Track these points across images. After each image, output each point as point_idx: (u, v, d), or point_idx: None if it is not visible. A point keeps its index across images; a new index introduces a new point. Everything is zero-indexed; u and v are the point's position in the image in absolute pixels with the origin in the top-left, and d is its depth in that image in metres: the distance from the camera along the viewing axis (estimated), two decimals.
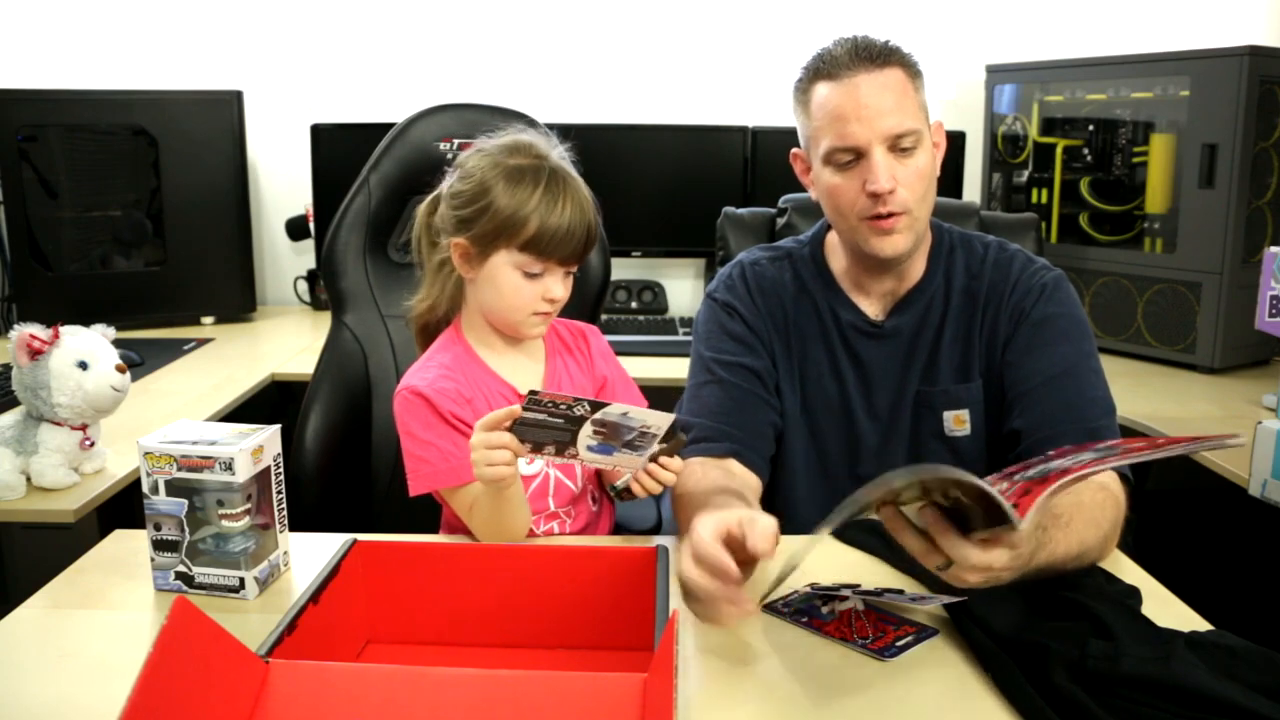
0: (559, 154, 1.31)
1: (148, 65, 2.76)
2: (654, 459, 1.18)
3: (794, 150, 1.40)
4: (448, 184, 1.32)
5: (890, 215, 1.28)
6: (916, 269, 1.39)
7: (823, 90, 1.29)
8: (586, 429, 1.11)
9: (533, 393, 1.09)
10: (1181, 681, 0.88)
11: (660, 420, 1.12)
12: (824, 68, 1.30)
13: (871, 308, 1.40)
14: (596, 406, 1.10)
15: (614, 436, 1.13)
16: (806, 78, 1.33)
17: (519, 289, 1.27)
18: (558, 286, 1.29)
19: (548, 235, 1.24)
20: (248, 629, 0.90)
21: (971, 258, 1.40)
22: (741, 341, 1.39)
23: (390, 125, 1.75)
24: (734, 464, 1.32)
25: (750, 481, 1.32)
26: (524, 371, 1.35)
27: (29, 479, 1.44)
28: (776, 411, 1.39)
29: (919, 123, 1.28)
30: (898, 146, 1.27)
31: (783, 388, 1.40)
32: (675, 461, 1.20)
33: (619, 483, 1.22)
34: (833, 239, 1.44)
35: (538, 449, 1.13)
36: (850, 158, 1.28)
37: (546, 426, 1.11)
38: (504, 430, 1.11)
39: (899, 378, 1.38)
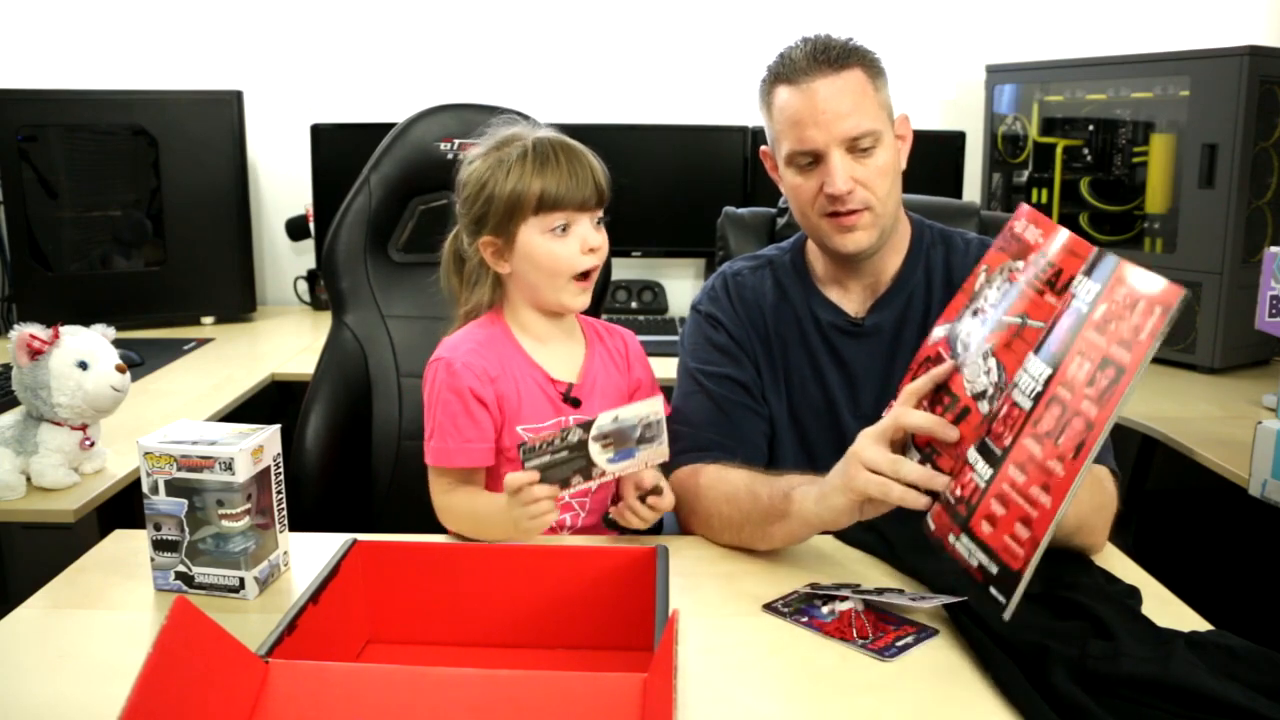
0: (544, 131, 1.35)
1: (148, 65, 2.76)
2: (641, 498, 1.23)
3: (762, 148, 1.42)
4: (458, 205, 1.36)
5: (851, 213, 1.30)
6: (894, 264, 1.40)
7: (783, 94, 1.32)
8: (594, 447, 1.15)
9: (521, 446, 1.14)
10: (1181, 681, 0.88)
11: (652, 407, 1.16)
12: (783, 72, 1.32)
13: (852, 305, 1.41)
14: (586, 426, 1.15)
15: (624, 440, 1.16)
16: (769, 80, 1.35)
17: (554, 252, 1.29)
18: (591, 234, 1.31)
19: (553, 189, 1.28)
20: (248, 629, 0.90)
21: (953, 253, 1.40)
22: (726, 353, 1.40)
23: (390, 125, 1.75)
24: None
25: None
26: (564, 358, 1.37)
27: (29, 479, 1.44)
28: (765, 420, 1.39)
29: (878, 122, 1.30)
30: (856, 147, 1.29)
31: (769, 396, 1.40)
32: (665, 500, 1.23)
33: (611, 513, 1.25)
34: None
35: (565, 485, 1.16)
36: (809, 160, 1.31)
37: (558, 464, 1.15)
38: (531, 484, 1.15)
39: (884, 375, 1.38)
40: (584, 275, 1.31)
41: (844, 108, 1.28)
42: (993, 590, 0.90)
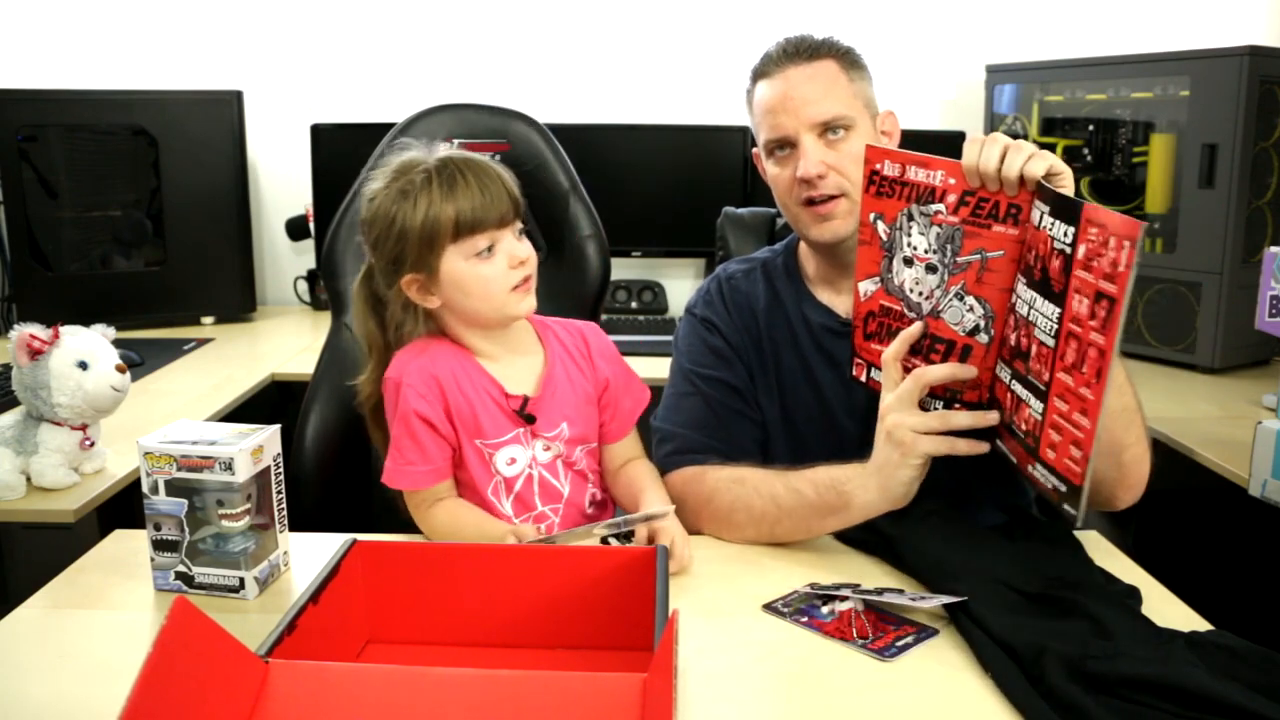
0: (442, 150, 1.28)
1: (148, 65, 2.76)
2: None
3: (754, 150, 1.43)
4: (367, 248, 1.30)
5: (827, 200, 1.31)
6: None
7: (760, 88, 1.36)
8: (599, 527, 1.19)
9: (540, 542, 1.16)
10: (1181, 682, 0.88)
11: (663, 510, 1.18)
12: (761, 68, 1.36)
13: (842, 306, 1.40)
14: (601, 524, 1.20)
15: (627, 524, 1.20)
16: (750, 80, 1.39)
17: (482, 275, 1.24)
18: (516, 247, 1.25)
19: (466, 213, 1.21)
20: (248, 629, 0.90)
21: None
22: (721, 356, 1.40)
23: (390, 125, 1.75)
24: None
25: None
26: (520, 369, 1.33)
27: (29, 479, 1.44)
28: (758, 425, 1.40)
29: (850, 109, 1.31)
30: (828, 133, 1.30)
31: (762, 400, 1.40)
32: (675, 547, 1.20)
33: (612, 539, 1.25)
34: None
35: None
36: (784, 148, 1.33)
37: (562, 536, 1.18)
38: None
39: None
40: (521, 280, 1.26)
41: (813, 94, 1.30)
42: (1065, 507, 1.00)
